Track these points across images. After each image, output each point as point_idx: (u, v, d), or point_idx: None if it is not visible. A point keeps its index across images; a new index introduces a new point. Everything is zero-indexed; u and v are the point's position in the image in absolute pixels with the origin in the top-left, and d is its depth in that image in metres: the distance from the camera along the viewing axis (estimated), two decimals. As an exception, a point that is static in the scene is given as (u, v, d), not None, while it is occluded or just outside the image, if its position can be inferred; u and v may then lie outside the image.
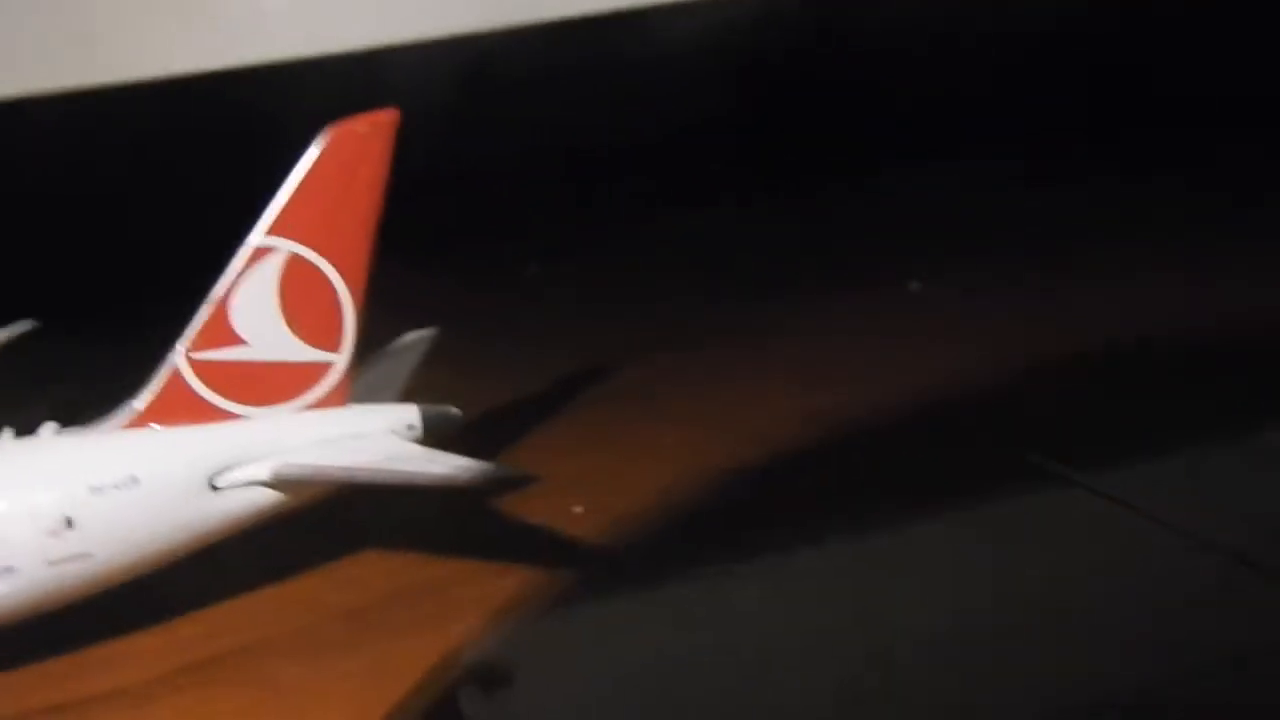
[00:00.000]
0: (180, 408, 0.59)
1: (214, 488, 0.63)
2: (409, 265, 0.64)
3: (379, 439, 0.70)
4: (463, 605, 0.46)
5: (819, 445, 0.64)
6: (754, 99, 1.40)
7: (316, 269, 0.61)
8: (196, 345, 0.52)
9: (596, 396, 0.48)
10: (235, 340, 0.64)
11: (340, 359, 0.66)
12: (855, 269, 1.25)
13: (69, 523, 0.56)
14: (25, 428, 0.63)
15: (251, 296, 0.62)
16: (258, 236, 0.62)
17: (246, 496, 0.66)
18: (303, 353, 0.67)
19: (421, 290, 0.78)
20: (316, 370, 0.68)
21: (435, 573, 0.44)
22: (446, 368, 0.67)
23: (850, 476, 0.68)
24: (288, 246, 0.60)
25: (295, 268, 0.63)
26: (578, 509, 0.69)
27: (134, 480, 0.60)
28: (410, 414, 0.73)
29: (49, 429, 0.62)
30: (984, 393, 0.96)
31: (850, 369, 0.91)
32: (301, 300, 0.62)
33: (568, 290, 0.91)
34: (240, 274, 0.61)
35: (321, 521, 0.57)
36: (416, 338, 0.79)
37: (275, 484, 0.64)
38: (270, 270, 0.63)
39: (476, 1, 1.03)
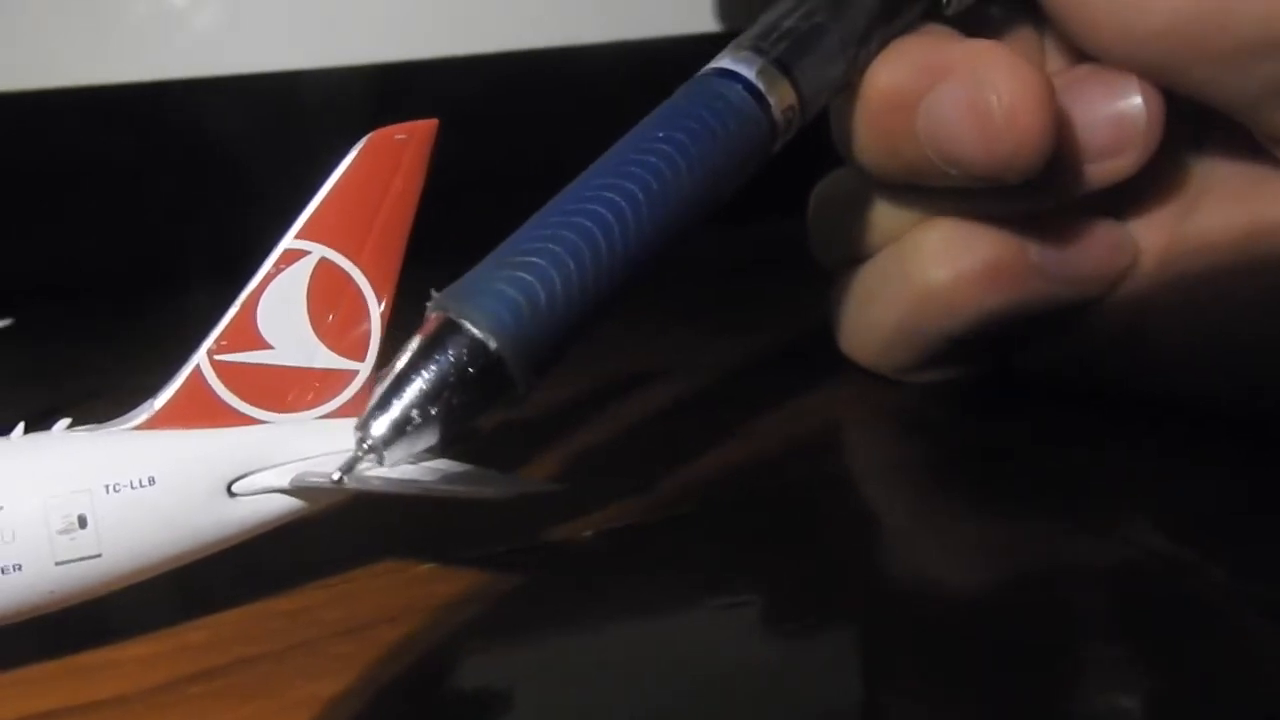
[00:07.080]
0: (200, 409, 0.60)
1: (231, 493, 0.67)
2: (429, 274, 0.62)
3: (399, 451, 0.72)
4: (460, 628, 0.43)
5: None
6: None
7: (347, 275, 0.62)
8: (220, 346, 0.53)
9: (611, 419, 0.44)
10: (260, 343, 0.64)
11: (365, 368, 0.67)
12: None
13: (82, 521, 0.57)
14: (36, 424, 0.64)
15: (279, 299, 0.65)
16: (289, 239, 0.65)
17: (263, 503, 0.69)
18: (328, 360, 0.70)
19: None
20: (341, 378, 0.71)
21: (436, 590, 0.42)
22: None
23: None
24: (319, 251, 0.62)
25: (325, 272, 0.65)
26: (587, 533, 0.68)
27: (151, 481, 0.63)
28: None
29: (61, 425, 0.70)
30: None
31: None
32: (330, 306, 0.62)
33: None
34: (270, 276, 0.65)
35: (318, 533, 0.56)
36: None
37: (294, 492, 0.68)
38: (300, 274, 0.65)
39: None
